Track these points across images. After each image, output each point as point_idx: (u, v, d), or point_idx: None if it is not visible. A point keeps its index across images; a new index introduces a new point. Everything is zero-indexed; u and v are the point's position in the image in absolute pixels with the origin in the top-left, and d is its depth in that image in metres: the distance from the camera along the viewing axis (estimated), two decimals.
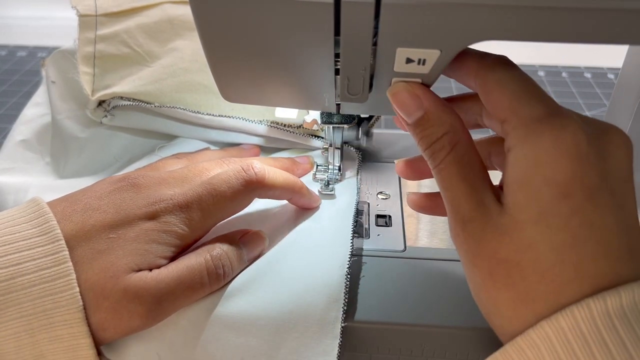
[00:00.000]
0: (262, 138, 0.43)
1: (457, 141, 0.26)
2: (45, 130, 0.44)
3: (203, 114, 0.41)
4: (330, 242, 0.33)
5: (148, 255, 0.28)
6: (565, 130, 0.23)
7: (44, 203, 0.28)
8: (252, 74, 0.27)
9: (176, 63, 0.42)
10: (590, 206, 0.23)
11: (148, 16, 0.44)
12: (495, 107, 0.25)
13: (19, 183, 0.40)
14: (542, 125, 0.24)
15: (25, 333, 0.25)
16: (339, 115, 0.37)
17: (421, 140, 0.26)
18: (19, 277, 0.25)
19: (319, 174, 0.40)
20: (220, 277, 0.29)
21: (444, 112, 0.26)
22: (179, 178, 0.32)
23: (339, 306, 0.29)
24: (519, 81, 0.25)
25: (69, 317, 0.25)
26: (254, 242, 0.32)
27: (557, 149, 0.23)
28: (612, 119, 0.44)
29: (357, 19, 0.22)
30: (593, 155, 0.23)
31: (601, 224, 0.23)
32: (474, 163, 0.26)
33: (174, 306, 0.28)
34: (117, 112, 0.41)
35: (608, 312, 0.21)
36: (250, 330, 0.29)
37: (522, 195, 0.23)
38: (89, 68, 0.41)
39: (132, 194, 0.30)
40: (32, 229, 0.27)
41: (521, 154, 0.24)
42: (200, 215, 0.30)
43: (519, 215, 0.23)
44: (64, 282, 0.26)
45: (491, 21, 0.22)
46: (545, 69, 0.76)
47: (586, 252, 0.22)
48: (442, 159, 0.26)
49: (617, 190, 0.24)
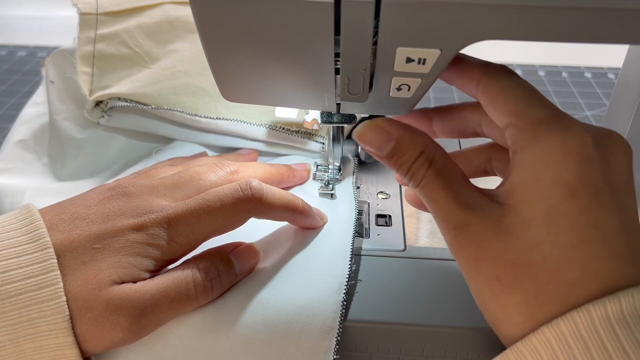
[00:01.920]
0: (260, 142, 0.42)
1: (433, 156, 0.26)
2: (44, 130, 0.44)
3: (200, 116, 0.40)
4: (328, 261, 0.32)
5: (131, 269, 0.27)
6: (572, 131, 0.24)
7: (35, 210, 0.28)
8: (252, 73, 0.27)
9: (175, 65, 0.42)
10: (596, 206, 0.23)
11: (149, 16, 0.44)
12: (500, 112, 0.26)
13: (16, 185, 0.40)
14: (549, 126, 0.24)
15: (10, 342, 0.25)
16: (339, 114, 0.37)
17: (400, 168, 0.27)
18: (5, 285, 0.25)
19: (319, 174, 0.39)
20: (209, 291, 0.29)
21: (414, 135, 0.27)
22: (169, 185, 0.31)
23: (333, 335, 0.28)
24: (522, 87, 0.26)
25: (54, 327, 0.25)
26: (246, 256, 0.31)
27: (565, 149, 0.23)
28: (612, 118, 0.44)
29: (357, 18, 0.22)
30: (598, 157, 0.23)
31: (607, 225, 0.23)
32: (455, 172, 0.26)
33: (158, 319, 0.27)
34: (114, 113, 0.41)
35: (608, 317, 0.21)
36: (240, 352, 0.28)
37: (531, 194, 0.23)
38: (87, 67, 0.41)
39: (121, 203, 0.29)
40: (21, 236, 0.26)
41: (529, 154, 0.24)
42: (188, 232, 0.29)
43: (527, 213, 0.23)
44: (50, 291, 0.25)
45: (491, 21, 0.22)
46: (545, 69, 0.76)
47: (593, 252, 0.22)
48: (422, 175, 0.26)
49: (620, 192, 0.24)
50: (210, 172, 0.33)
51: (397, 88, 0.27)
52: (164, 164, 0.39)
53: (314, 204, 0.36)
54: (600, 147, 0.24)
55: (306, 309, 0.29)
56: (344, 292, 0.30)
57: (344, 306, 0.30)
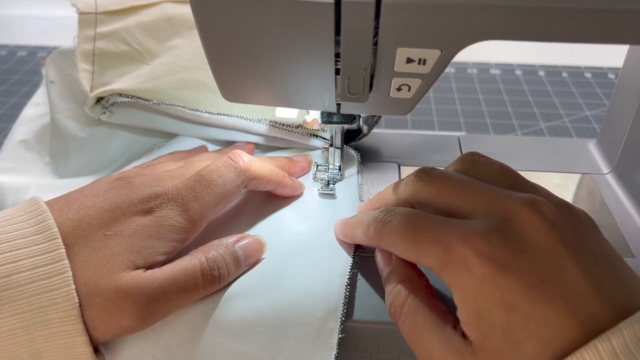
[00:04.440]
0: (262, 137, 0.43)
1: (415, 288, 0.28)
2: (45, 130, 0.44)
3: (201, 112, 0.41)
4: (331, 249, 0.33)
5: (144, 252, 0.28)
6: (468, 264, 0.23)
7: (42, 202, 0.28)
8: (253, 73, 0.27)
9: (175, 61, 0.42)
10: (532, 293, 0.23)
11: (147, 15, 0.44)
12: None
13: (18, 183, 0.40)
14: (445, 271, 0.24)
15: (20, 330, 0.25)
16: (339, 115, 0.37)
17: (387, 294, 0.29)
18: (14, 274, 0.25)
19: (319, 174, 0.40)
20: (216, 280, 0.29)
21: (405, 266, 0.29)
22: (175, 177, 0.32)
23: (337, 316, 0.29)
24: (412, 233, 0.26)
25: (64, 315, 0.25)
26: (252, 248, 0.32)
27: (473, 279, 0.23)
28: (612, 118, 0.44)
29: (358, 18, 0.22)
30: (503, 256, 0.23)
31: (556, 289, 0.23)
32: (434, 309, 0.26)
33: (166, 307, 0.28)
34: (115, 109, 0.41)
35: (614, 350, 0.21)
36: (246, 336, 0.28)
37: (481, 327, 0.23)
38: (88, 65, 0.41)
39: (128, 190, 0.30)
40: (29, 227, 0.27)
41: (456, 297, 0.24)
42: (194, 206, 0.30)
43: (487, 343, 0.23)
44: (60, 280, 0.26)
45: (491, 21, 0.22)
46: (545, 69, 0.76)
47: (553, 314, 0.22)
48: (402, 303, 0.27)
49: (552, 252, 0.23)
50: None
51: (398, 88, 0.27)
52: (165, 158, 0.40)
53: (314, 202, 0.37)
54: (501, 242, 0.24)
55: (311, 293, 0.30)
56: (347, 277, 0.31)
57: (348, 289, 0.31)
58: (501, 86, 0.72)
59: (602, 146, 0.45)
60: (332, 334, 0.29)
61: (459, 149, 0.46)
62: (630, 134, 0.41)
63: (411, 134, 0.55)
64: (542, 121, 0.65)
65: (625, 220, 0.38)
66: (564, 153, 0.46)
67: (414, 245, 0.26)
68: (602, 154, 0.45)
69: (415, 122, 0.65)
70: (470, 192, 0.26)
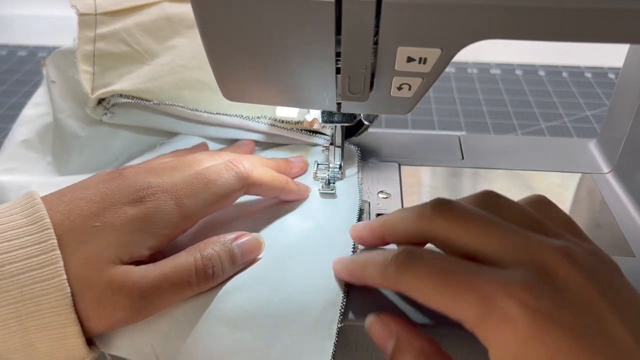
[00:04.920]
0: (262, 135, 0.43)
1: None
2: (47, 130, 0.44)
3: (201, 111, 0.41)
4: (332, 245, 0.33)
5: (131, 246, 0.28)
6: (512, 318, 0.22)
7: (37, 195, 0.28)
8: (253, 72, 0.27)
9: (174, 60, 0.43)
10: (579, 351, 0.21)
11: (147, 14, 0.44)
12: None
13: (20, 181, 0.40)
14: (483, 326, 0.23)
15: (13, 320, 0.25)
16: (339, 114, 0.37)
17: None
18: (6, 265, 0.25)
19: (319, 173, 0.40)
20: (209, 278, 0.29)
21: (413, 336, 0.26)
22: (168, 168, 0.32)
23: (336, 309, 0.29)
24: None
25: (56, 305, 0.26)
26: (250, 245, 0.32)
27: (517, 336, 0.22)
28: (612, 118, 0.44)
29: (358, 17, 0.22)
30: (549, 310, 0.22)
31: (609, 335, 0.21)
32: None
33: (159, 302, 0.28)
34: (116, 109, 0.41)
35: None
36: (245, 325, 0.29)
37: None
38: (88, 66, 0.41)
39: (119, 182, 0.30)
40: (22, 218, 0.27)
41: (493, 354, 0.23)
42: (189, 201, 0.30)
43: None
44: (52, 270, 0.26)
45: (491, 20, 0.22)
46: (545, 69, 0.76)
47: None
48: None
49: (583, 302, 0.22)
50: (209, 159, 0.34)
51: (398, 87, 0.27)
52: (166, 156, 0.40)
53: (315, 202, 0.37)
54: (543, 294, 0.22)
55: (311, 287, 0.30)
56: None
57: (348, 285, 0.30)
58: (501, 86, 0.72)
59: (602, 146, 0.45)
60: (332, 325, 0.29)
61: (459, 148, 0.46)
62: (630, 134, 0.41)
63: (411, 134, 0.55)
64: (542, 121, 0.65)
65: (625, 219, 0.39)
66: (564, 153, 0.46)
67: (446, 292, 0.24)
68: (603, 153, 0.45)
69: (415, 121, 0.65)
70: (500, 236, 0.24)
